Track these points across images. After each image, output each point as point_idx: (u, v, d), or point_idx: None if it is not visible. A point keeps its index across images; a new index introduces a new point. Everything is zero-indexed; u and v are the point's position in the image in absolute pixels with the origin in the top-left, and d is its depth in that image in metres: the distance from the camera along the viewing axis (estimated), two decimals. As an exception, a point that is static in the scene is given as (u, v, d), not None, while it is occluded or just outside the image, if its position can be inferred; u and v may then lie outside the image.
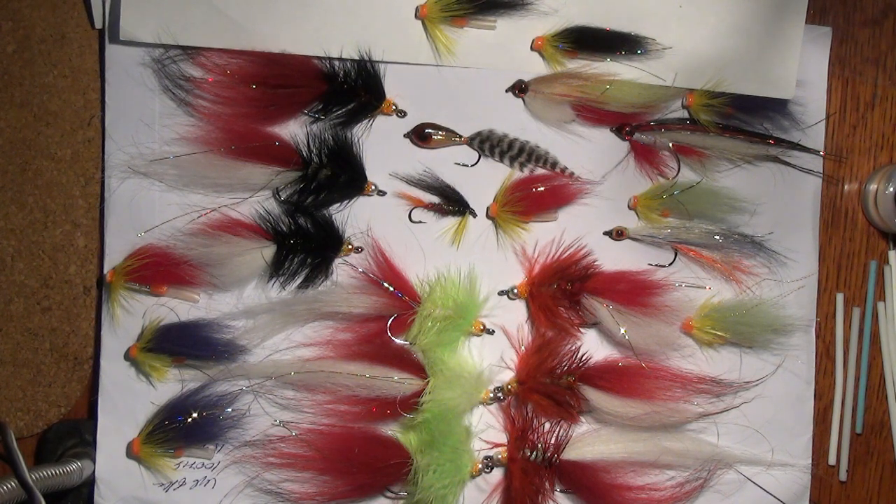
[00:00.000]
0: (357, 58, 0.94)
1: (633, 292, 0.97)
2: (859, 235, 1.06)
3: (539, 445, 0.95)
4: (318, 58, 0.94)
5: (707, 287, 1.01)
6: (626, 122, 0.99)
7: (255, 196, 0.94)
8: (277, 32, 0.93)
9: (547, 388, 0.95)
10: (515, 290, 0.98)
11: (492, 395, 0.96)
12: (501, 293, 0.98)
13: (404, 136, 0.97)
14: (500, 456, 0.96)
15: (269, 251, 0.93)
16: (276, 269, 0.94)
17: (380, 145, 0.97)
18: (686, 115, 1.01)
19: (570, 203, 0.99)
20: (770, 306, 1.00)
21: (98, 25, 0.94)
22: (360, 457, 0.91)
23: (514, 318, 0.98)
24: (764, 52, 0.99)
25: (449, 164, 0.98)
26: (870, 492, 1.06)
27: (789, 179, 1.03)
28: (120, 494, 0.94)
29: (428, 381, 0.93)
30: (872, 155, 1.06)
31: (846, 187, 1.06)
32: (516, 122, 0.98)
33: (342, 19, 0.94)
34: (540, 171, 0.98)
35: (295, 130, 0.95)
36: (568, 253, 0.98)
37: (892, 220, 1.03)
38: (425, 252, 0.97)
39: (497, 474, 0.97)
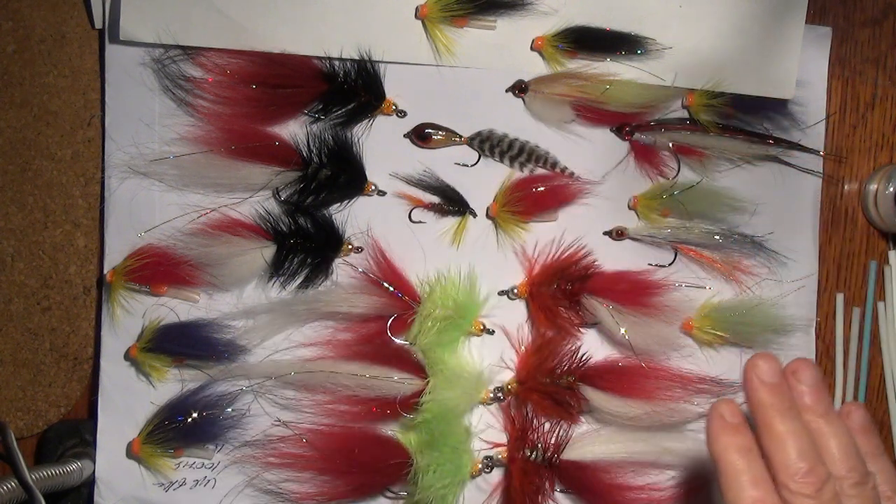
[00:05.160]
0: (357, 58, 0.94)
1: (633, 292, 0.97)
2: (859, 235, 1.06)
3: (539, 445, 0.95)
4: (318, 58, 0.94)
5: (707, 287, 1.01)
6: (626, 122, 0.99)
7: (255, 196, 0.94)
8: (277, 32, 0.93)
9: (547, 388, 0.95)
10: (515, 290, 0.98)
11: (492, 395, 0.96)
12: (501, 293, 0.98)
13: (404, 136, 0.97)
14: (500, 456, 0.96)
15: (269, 251, 0.93)
16: (276, 269, 0.94)
17: (380, 145, 0.97)
18: (686, 115, 1.01)
19: (570, 203, 0.99)
20: (770, 306, 1.00)
21: (98, 25, 0.94)
22: (360, 457, 0.91)
23: (514, 318, 0.98)
24: (764, 52, 0.99)
25: (449, 164, 0.98)
26: (870, 492, 1.06)
27: (789, 179, 1.03)
28: (120, 494, 0.94)
29: (428, 381, 0.93)
30: (872, 155, 1.06)
31: (846, 187, 1.06)
32: (516, 122, 0.98)
33: (342, 19, 0.94)
34: (540, 171, 0.98)
35: (295, 130, 0.95)
36: (568, 253, 0.98)
37: (892, 220, 1.03)
38: (425, 252, 0.97)
39: (497, 474, 0.97)
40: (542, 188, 0.97)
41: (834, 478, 0.66)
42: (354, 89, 0.94)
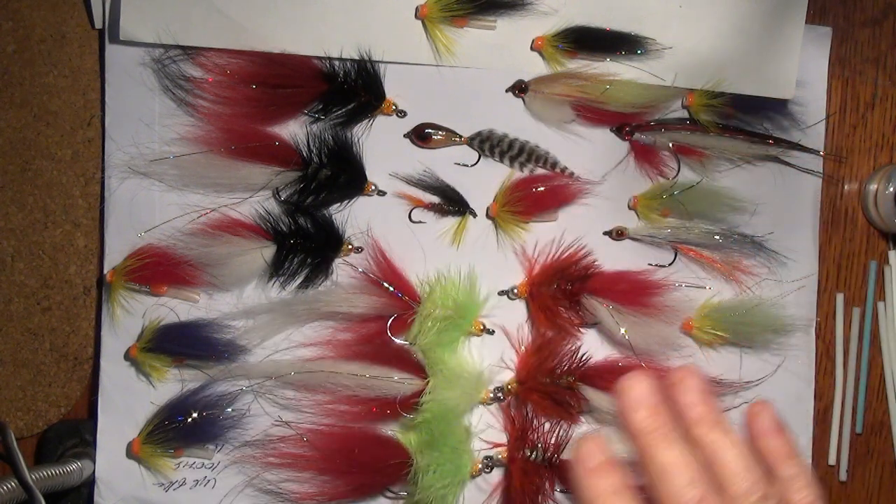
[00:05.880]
0: (357, 58, 0.94)
1: (633, 292, 0.97)
2: (859, 235, 1.06)
3: (539, 445, 0.95)
4: (318, 58, 0.94)
5: (707, 287, 1.01)
6: (626, 122, 0.99)
7: (255, 196, 0.94)
8: (277, 32, 0.93)
9: (547, 388, 0.95)
10: (515, 290, 0.98)
11: (492, 395, 0.96)
12: (501, 293, 0.98)
13: (404, 136, 0.97)
14: (500, 456, 0.96)
15: (269, 251, 0.93)
16: (276, 269, 0.94)
17: (380, 145, 0.97)
18: (686, 115, 1.01)
19: (570, 203, 0.99)
20: (770, 306, 1.00)
21: (98, 25, 0.94)
22: (360, 457, 0.91)
23: (514, 318, 0.98)
24: (764, 52, 0.99)
25: (449, 164, 0.98)
26: (870, 492, 1.07)
27: (789, 179, 1.03)
28: (120, 494, 0.94)
29: (428, 381, 0.93)
30: (872, 155, 1.06)
31: (846, 187, 1.06)
32: (516, 122, 0.98)
33: (342, 19, 0.94)
34: (540, 171, 0.98)
35: (295, 130, 0.95)
36: (568, 253, 0.98)
37: (892, 220, 1.03)
38: (425, 252, 0.97)
39: (497, 474, 0.97)
40: (542, 188, 0.97)
41: (732, 498, 0.60)
42: (354, 89, 0.94)
